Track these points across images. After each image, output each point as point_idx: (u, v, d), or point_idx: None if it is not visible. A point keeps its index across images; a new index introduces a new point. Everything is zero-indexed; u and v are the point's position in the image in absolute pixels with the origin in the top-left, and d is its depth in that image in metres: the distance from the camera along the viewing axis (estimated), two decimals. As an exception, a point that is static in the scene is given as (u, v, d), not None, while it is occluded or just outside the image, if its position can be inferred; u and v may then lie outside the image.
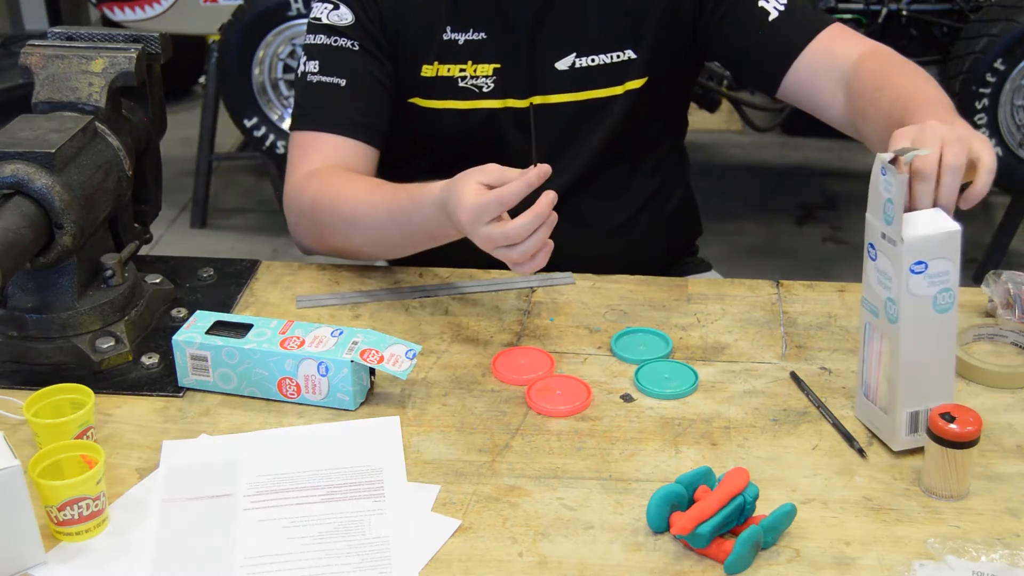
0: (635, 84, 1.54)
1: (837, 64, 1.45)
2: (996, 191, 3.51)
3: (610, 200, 1.62)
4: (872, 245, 1.14)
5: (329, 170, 1.48)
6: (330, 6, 1.52)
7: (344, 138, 1.51)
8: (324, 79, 1.51)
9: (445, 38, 1.51)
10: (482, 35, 1.51)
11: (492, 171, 1.25)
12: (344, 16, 1.51)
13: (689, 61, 1.60)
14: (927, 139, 1.14)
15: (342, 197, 1.44)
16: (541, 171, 1.22)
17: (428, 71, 1.53)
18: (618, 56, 1.53)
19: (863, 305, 1.17)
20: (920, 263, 1.09)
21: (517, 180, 1.22)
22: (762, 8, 1.50)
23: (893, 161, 1.08)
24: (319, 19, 1.53)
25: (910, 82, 1.36)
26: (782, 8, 1.50)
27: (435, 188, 1.31)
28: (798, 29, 1.48)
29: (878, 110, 1.34)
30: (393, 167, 1.68)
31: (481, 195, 1.23)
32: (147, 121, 1.49)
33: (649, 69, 1.54)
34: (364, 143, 1.52)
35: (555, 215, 1.24)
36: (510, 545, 1.05)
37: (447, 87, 1.53)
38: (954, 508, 1.10)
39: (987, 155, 1.16)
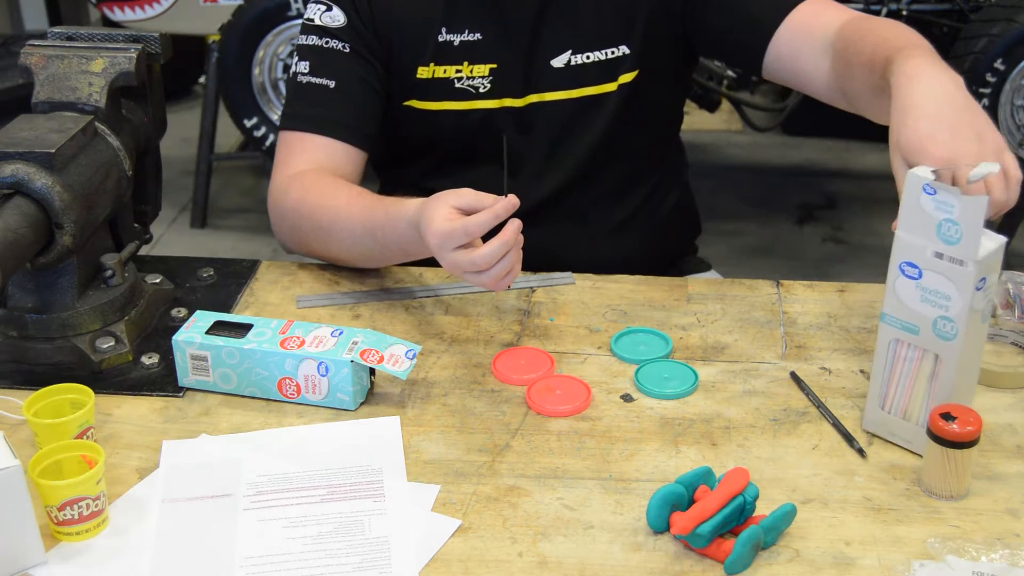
0: (627, 78, 1.54)
1: (818, 35, 1.43)
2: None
3: (608, 198, 1.62)
4: (912, 264, 1.10)
5: (312, 174, 1.48)
6: (323, 7, 1.52)
7: (330, 139, 1.51)
8: (313, 80, 1.51)
9: (440, 39, 1.52)
10: (478, 35, 1.51)
11: (466, 196, 1.26)
12: (336, 18, 1.51)
13: (682, 54, 1.60)
14: (968, 157, 1.11)
15: (322, 205, 1.44)
16: (509, 203, 1.23)
17: (424, 73, 1.53)
18: (612, 52, 1.53)
19: (886, 323, 1.15)
20: (983, 279, 1.08)
21: (485, 212, 1.23)
22: None
23: (940, 179, 1.06)
24: (312, 20, 1.53)
25: (893, 29, 1.34)
26: None
27: (411, 206, 1.32)
28: (775, 4, 1.48)
29: (861, 54, 1.32)
30: (395, 168, 1.69)
31: (450, 221, 1.24)
32: (147, 121, 1.49)
33: (641, 62, 1.54)
34: (350, 145, 1.52)
35: (522, 238, 1.26)
36: (510, 545, 1.05)
37: (443, 88, 1.53)
38: (954, 508, 1.10)
39: (1011, 161, 1.14)
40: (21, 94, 1.46)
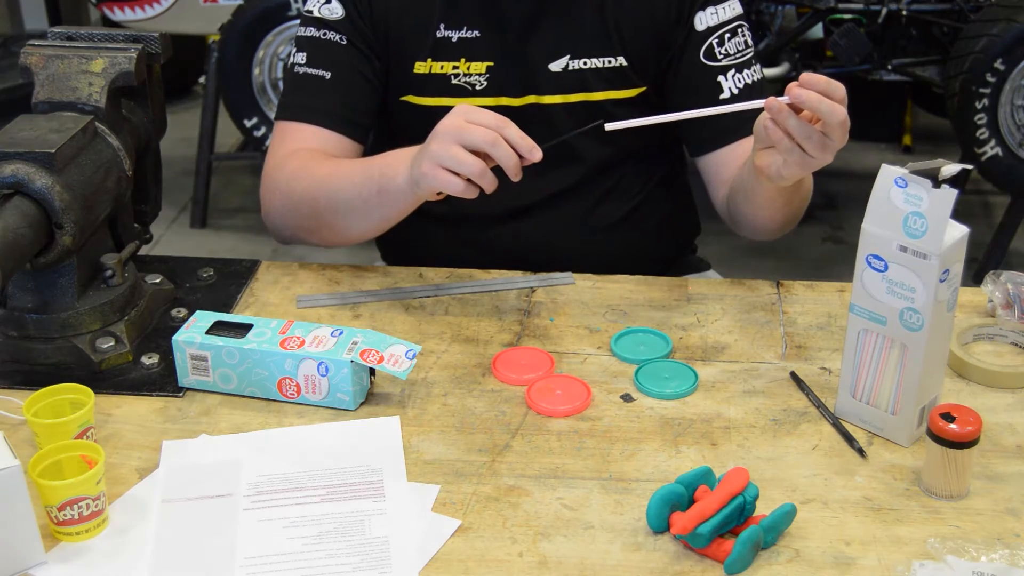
0: (632, 92, 1.54)
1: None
2: (996, 191, 3.51)
3: (608, 200, 1.62)
4: (878, 256, 1.13)
5: (309, 150, 1.50)
6: (322, 0, 1.53)
7: (323, 129, 1.52)
8: (310, 71, 1.53)
9: (439, 35, 1.52)
10: (476, 33, 1.52)
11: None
12: (335, 10, 1.52)
13: None
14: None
15: (320, 165, 1.46)
16: (535, 149, 1.26)
17: (421, 68, 1.53)
18: (610, 62, 1.53)
19: (856, 313, 1.17)
20: (946, 271, 1.10)
21: (517, 130, 1.26)
22: (718, 83, 1.51)
23: (921, 174, 1.08)
24: (311, 12, 1.54)
25: None
26: (737, 91, 1.51)
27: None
28: (745, 121, 1.38)
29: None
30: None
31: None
32: (147, 121, 1.49)
33: (648, 78, 1.54)
34: (343, 135, 1.53)
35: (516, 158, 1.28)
36: (510, 545, 1.05)
37: (440, 84, 1.54)
38: (954, 508, 1.10)
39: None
40: (21, 94, 1.47)
